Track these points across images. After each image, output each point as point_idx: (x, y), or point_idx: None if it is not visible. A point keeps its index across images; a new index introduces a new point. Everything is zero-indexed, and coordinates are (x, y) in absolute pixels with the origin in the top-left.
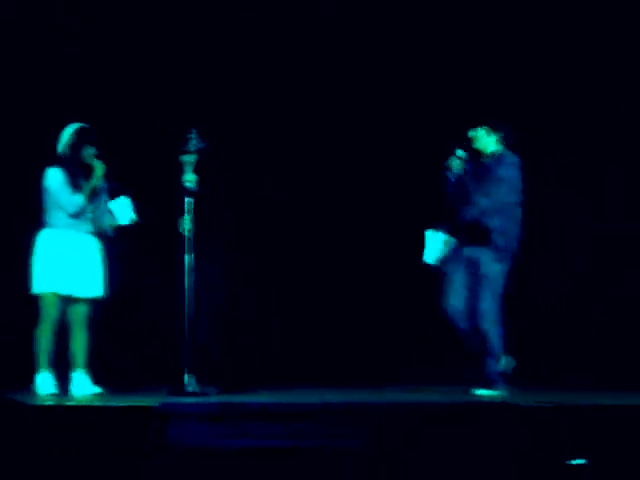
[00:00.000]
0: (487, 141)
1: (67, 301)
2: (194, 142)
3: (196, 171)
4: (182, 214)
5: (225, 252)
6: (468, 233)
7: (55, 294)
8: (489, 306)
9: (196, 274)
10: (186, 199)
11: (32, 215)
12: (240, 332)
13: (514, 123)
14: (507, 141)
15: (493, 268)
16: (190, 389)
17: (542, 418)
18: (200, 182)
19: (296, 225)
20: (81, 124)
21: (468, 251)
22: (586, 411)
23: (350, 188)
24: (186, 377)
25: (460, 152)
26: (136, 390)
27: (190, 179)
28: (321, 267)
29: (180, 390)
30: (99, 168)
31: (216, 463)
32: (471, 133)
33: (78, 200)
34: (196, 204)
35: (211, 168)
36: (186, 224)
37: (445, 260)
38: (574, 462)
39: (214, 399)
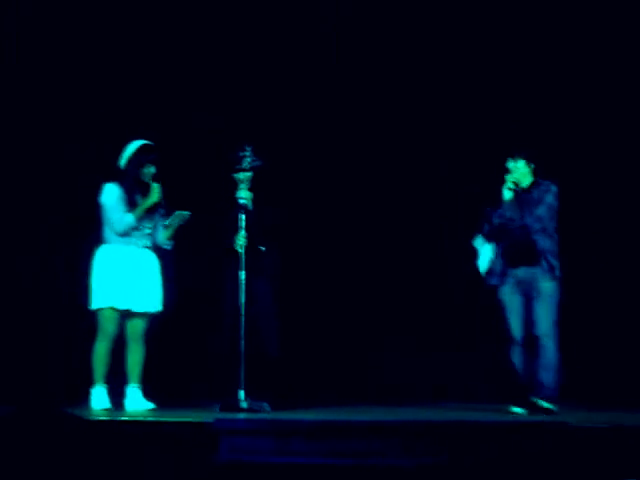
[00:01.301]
0: (526, 171)
1: (125, 316)
2: (248, 160)
3: (250, 189)
4: (235, 230)
5: (276, 269)
6: (519, 255)
7: (113, 309)
8: (549, 324)
9: (250, 290)
10: (240, 215)
11: (91, 231)
12: (293, 349)
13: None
14: (541, 171)
15: (548, 285)
16: (244, 405)
17: (593, 438)
18: (253, 199)
19: (346, 243)
20: (144, 141)
21: (521, 272)
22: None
23: (388, 207)
24: (240, 393)
25: (511, 183)
26: (186, 405)
27: (244, 196)
28: (370, 286)
29: (233, 406)
30: (155, 190)
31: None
32: (510, 164)
33: (128, 219)
34: (249, 220)
35: (263, 185)
36: (240, 240)
37: (499, 284)
38: None
39: (267, 416)
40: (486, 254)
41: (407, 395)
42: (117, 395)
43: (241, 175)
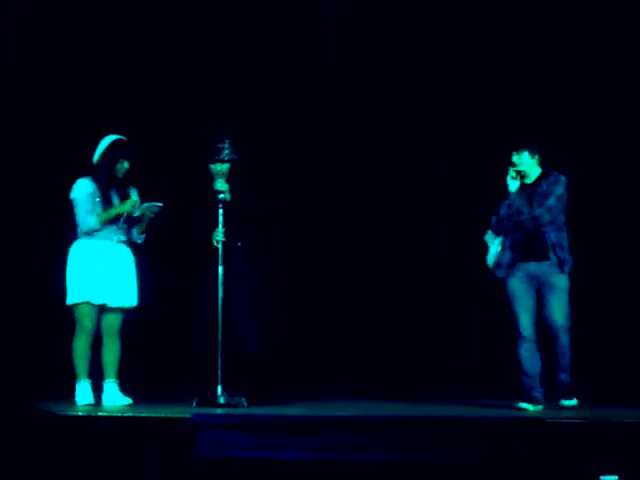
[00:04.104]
0: (531, 163)
1: (101, 310)
2: (227, 152)
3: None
4: (212, 224)
5: (255, 262)
6: (529, 249)
7: (89, 304)
8: (563, 318)
9: (228, 284)
10: (219, 209)
11: (66, 226)
12: (270, 343)
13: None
14: (546, 161)
15: (559, 278)
16: (221, 400)
17: (572, 433)
18: (230, 192)
19: (328, 236)
20: (118, 136)
21: (531, 267)
22: (617, 427)
23: (378, 200)
24: (218, 388)
25: (513, 172)
26: (164, 400)
27: (222, 189)
28: (351, 278)
29: (211, 401)
30: (130, 202)
31: (245, 474)
32: (515, 157)
33: (91, 222)
34: (227, 214)
35: (241, 178)
36: (218, 235)
37: (507, 276)
38: (606, 478)
39: (245, 411)
40: (494, 247)
41: (388, 390)
42: (95, 390)
43: (218, 167)
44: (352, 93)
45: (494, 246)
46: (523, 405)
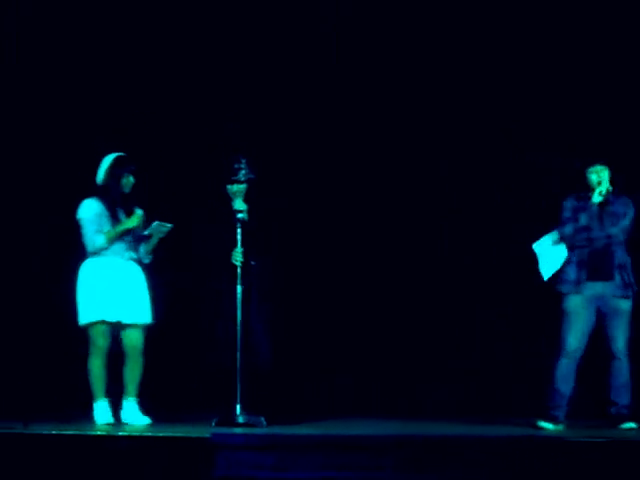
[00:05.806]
0: (607, 180)
1: (117, 328)
2: (244, 172)
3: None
4: (230, 243)
5: (274, 282)
6: (599, 267)
7: (104, 322)
8: (624, 342)
9: (247, 304)
10: (238, 229)
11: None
12: (289, 362)
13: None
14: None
15: (625, 302)
16: (240, 420)
17: (594, 453)
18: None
19: (328, 237)
20: (119, 153)
21: (598, 286)
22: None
23: (377, 201)
24: (237, 407)
25: (604, 190)
26: (182, 420)
27: (241, 209)
28: (351, 278)
29: (230, 421)
30: (136, 217)
31: None
32: (592, 170)
33: (99, 241)
34: (246, 233)
35: (258, 198)
36: (238, 255)
37: (570, 292)
38: None
39: (264, 430)
40: (556, 257)
41: (411, 409)
42: (114, 407)
43: (235, 187)
44: (352, 93)
45: (554, 255)
46: (543, 424)
